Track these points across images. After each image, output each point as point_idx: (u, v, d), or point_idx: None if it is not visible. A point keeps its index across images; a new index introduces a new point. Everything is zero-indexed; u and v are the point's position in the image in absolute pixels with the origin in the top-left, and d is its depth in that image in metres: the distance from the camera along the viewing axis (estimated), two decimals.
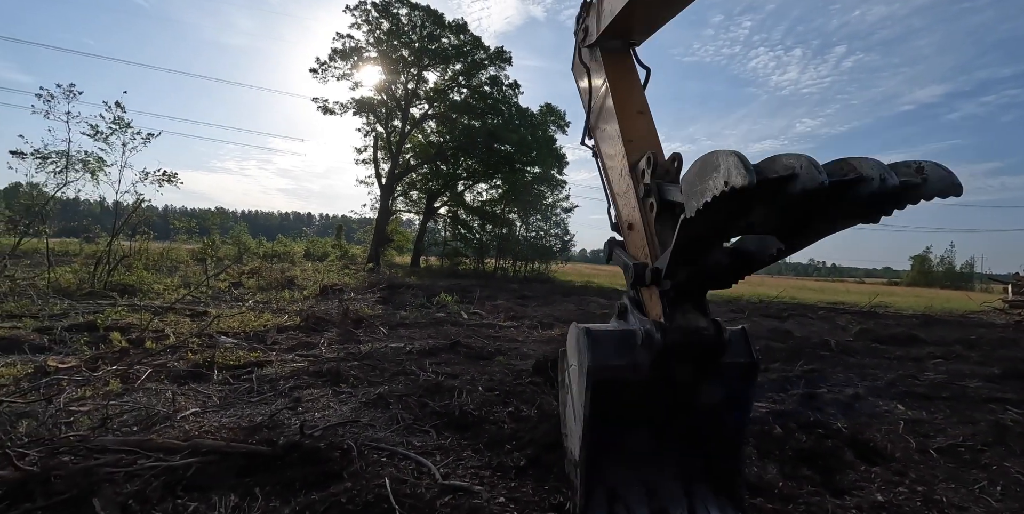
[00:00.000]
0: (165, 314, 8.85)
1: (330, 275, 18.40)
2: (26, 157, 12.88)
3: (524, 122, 29.89)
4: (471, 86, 30.35)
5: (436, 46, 29.11)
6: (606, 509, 2.29)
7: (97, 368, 5.26)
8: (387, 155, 30.70)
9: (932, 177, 1.55)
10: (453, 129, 30.24)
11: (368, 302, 12.12)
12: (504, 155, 29.51)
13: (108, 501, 2.27)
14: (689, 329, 2.17)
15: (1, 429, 3.33)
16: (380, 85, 29.78)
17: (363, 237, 37.06)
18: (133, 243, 16.39)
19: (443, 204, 32.70)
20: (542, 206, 31.46)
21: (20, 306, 8.95)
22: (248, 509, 2.39)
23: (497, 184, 32.67)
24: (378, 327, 8.28)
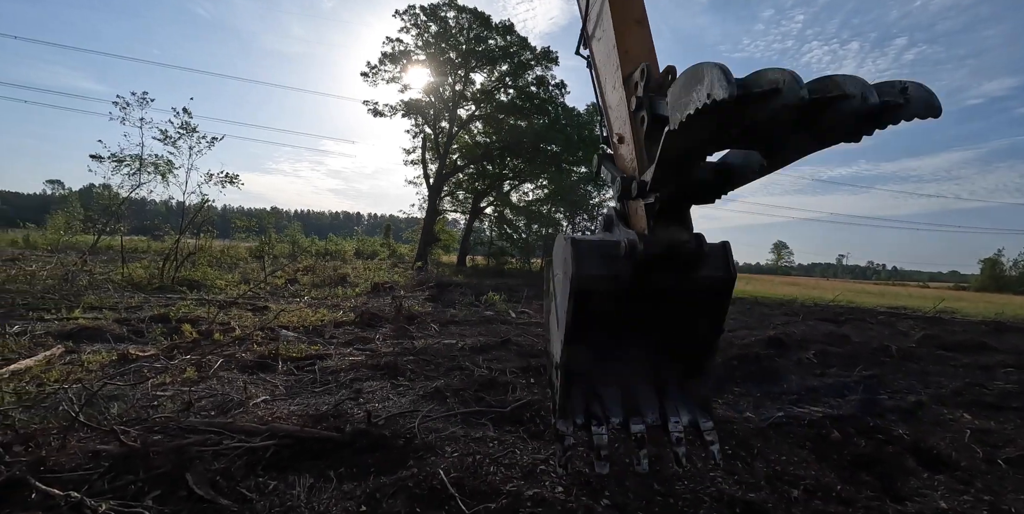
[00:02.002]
0: (229, 308, 9.34)
1: (380, 273, 18.89)
2: (104, 161, 13.79)
3: (570, 122, 29.81)
4: (517, 87, 30.50)
5: (483, 48, 29.40)
6: (583, 407, 2.42)
7: (173, 357, 5.63)
8: (435, 156, 31.21)
9: (914, 97, 1.54)
10: (499, 129, 30.46)
11: (418, 300, 12.41)
12: (550, 155, 29.53)
13: (199, 477, 2.48)
14: (671, 241, 2.20)
15: (96, 410, 3.64)
16: (428, 87, 30.32)
17: (411, 236, 37.80)
18: (198, 241, 17.30)
19: (489, 204, 32.98)
20: (588, 206, 31.30)
21: (100, 299, 9.61)
22: (323, 489, 2.55)
23: (543, 184, 32.72)
24: (429, 324, 8.49)
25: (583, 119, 31.09)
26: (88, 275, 12.47)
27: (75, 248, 19.38)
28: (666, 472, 3.33)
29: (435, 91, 30.46)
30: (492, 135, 31.39)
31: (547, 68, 30.53)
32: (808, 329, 10.57)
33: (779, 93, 1.44)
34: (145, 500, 2.35)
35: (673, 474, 3.31)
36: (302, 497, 2.46)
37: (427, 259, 28.99)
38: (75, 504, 2.24)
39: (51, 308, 8.35)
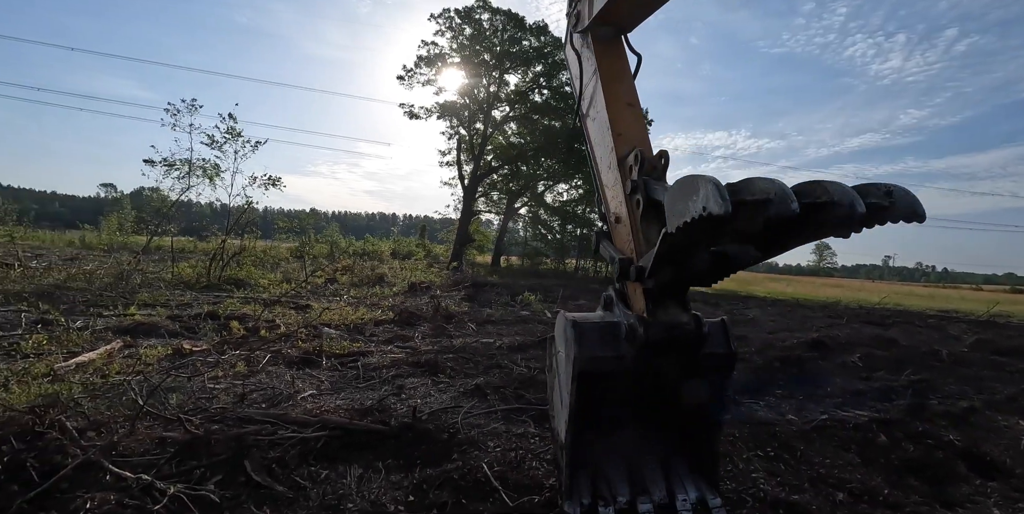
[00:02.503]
0: (273, 306, 9.64)
1: (416, 273, 19.17)
2: (156, 165, 14.42)
3: None
4: (552, 87, 30.47)
5: (517, 49, 29.50)
6: (590, 487, 2.42)
7: (224, 352, 5.87)
8: (469, 157, 31.46)
9: (899, 203, 1.65)
10: (534, 130, 30.51)
11: (455, 299, 12.56)
12: (585, 155, 29.34)
13: (256, 464, 2.62)
14: (671, 324, 2.25)
15: (157, 400, 3.85)
16: (463, 89, 30.59)
17: (446, 237, 38.20)
18: (242, 241, 17.88)
19: (523, 205, 33.06)
20: None
21: (153, 297, 10.06)
22: (372, 479, 2.65)
23: (578, 184, 32.56)
24: (467, 323, 8.61)
25: None
26: (141, 274, 13.05)
27: (127, 248, 20.29)
28: None
29: (470, 93, 30.71)
30: (526, 136, 31.47)
31: None
32: (852, 332, 10.27)
33: (770, 204, 1.53)
34: (208, 484, 2.49)
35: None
36: (352, 486, 2.56)
37: (462, 259, 29.25)
38: (145, 486, 2.40)
39: (108, 305, 8.78)
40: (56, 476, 2.42)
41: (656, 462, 2.54)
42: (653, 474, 2.51)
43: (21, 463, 2.48)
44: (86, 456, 2.54)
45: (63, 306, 8.28)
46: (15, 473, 2.45)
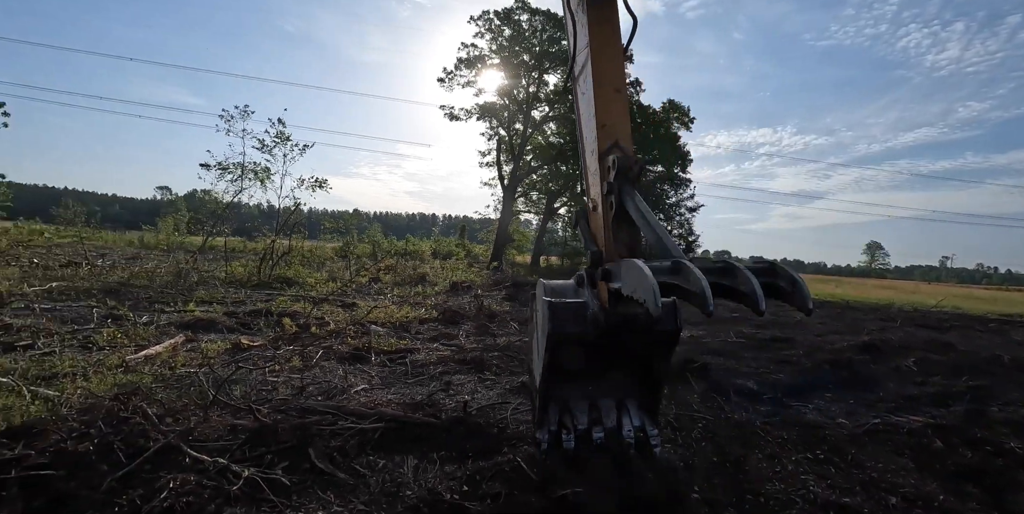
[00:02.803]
0: (321, 304, 9.98)
1: (457, 273, 19.43)
2: (211, 168, 15.09)
3: (645, 120, 29.35)
4: None
5: (556, 49, 29.50)
6: (557, 420, 2.98)
7: (279, 347, 6.14)
8: (509, 157, 31.64)
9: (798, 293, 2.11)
10: (574, 129, 30.39)
11: (496, 299, 12.70)
12: None
13: (319, 452, 2.78)
14: (628, 316, 2.62)
15: (223, 391, 4.09)
16: (502, 90, 30.78)
17: (486, 237, 38.49)
18: (290, 241, 18.50)
19: (563, 204, 33.02)
20: (665, 206, 30.60)
21: (209, 294, 10.54)
22: (427, 469, 2.78)
23: None
24: (509, 322, 8.72)
25: (659, 117, 30.51)
26: (197, 273, 13.68)
27: (183, 248, 21.26)
28: (754, 472, 3.32)
29: (509, 93, 30.89)
30: (566, 135, 31.42)
31: None
32: (906, 335, 9.92)
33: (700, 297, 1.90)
34: (276, 469, 2.66)
35: (762, 475, 3.30)
36: (409, 475, 2.69)
37: (502, 259, 29.45)
38: (221, 469, 2.58)
39: (169, 302, 9.26)
40: (140, 458, 2.64)
41: (612, 402, 3.08)
42: (608, 410, 3.04)
43: (109, 445, 2.70)
44: (166, 440, 2.75)
45: (128, 302, 8.78)
46: (104, 454, 2.67)
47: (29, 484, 2.43)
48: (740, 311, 13.49)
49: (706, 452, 3.57)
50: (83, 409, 3.61)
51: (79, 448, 2.64)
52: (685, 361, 5.94)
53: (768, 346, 7.93)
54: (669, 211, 30.72)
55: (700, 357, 6.24)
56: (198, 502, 2.32)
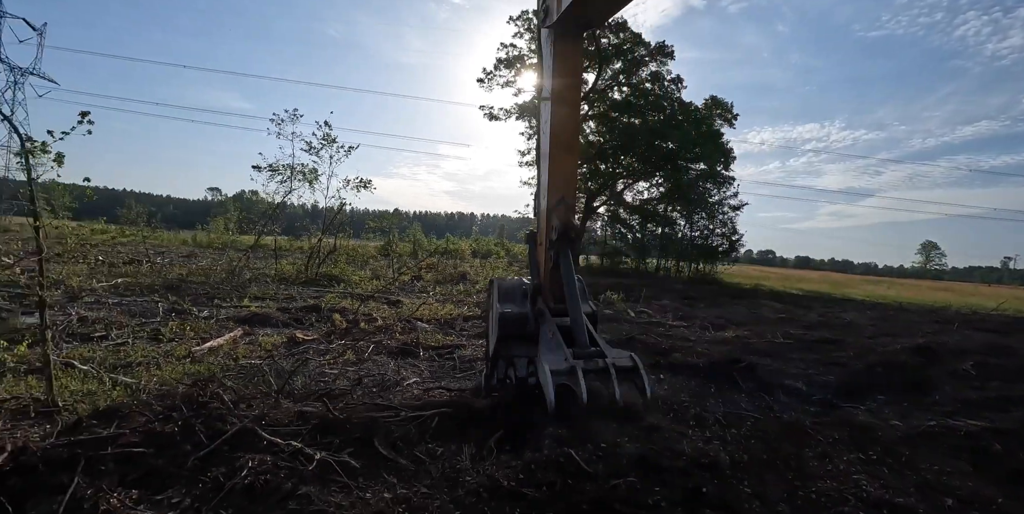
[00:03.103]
0: (367, 301, 10.28)
1: (497, 271, 19.61)
2: (262, 170, 15.66)
3: (687, 117, 28.89)
4: (631, 84, 30.08)
5: (595, 47, 29.34)
6: (504, 373, 3.98)
7: (331, 341, 6.40)
8: None
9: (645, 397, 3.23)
10: (613, 128, 30.20)
11: None
12: (666, 152, 28.80)
13: (382, 439, 2.94)
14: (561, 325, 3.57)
15: (282, 382, 4.32)
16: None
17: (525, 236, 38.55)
18: (335, 240, 19.01)
19: (602, 203, 32.80)
20: (707, 204, 30.02)
21: (261, 291, 11.00)
22: (485, 458, 2.90)
23: (658, 182, 31.92)
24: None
25: (701, 114, 29.98)
26: (249, 270, 14.25)
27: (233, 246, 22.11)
28: (805, 470, 3.32)
29: None
30: (605, 134, 31.19)
31: (662, 63, 29.82)
32: (964, 338, 9.54)
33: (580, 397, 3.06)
34: (342, 454, 2.83)
35: (813, 473, 3.30)
36: (467, 463, 2.82)
37: None
38: (294, 452, 2.77)
39: (225, 297, 9.71)
40: (219, 439, 2.85)
41: None
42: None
43: (191, 427, 2.93)
44: (242, 424, 2.95)
45: (188, 297, 9.25)
46: (187, 435, 2.89)
47: (123, 460, 2.67)
48: (787, 312, 13.22)
49: (755, 449, 3.57)
50: (160, 395, 3.89)
51: (165, 429, 2.88)
52: (730, 361, 5.90)
53: (816, 347, 7.78)
54: (711, 210, 30.05)
55: (746, 357, 6.19)
56: (275, 481, 2.51)
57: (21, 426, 3.36)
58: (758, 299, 17.04)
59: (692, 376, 5.42)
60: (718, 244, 29.92)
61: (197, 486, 2.54)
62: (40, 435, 3.11)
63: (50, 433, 3.07)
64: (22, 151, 3.95)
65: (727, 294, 18.33)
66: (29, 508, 2.29)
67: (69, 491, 2.34)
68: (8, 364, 4.53)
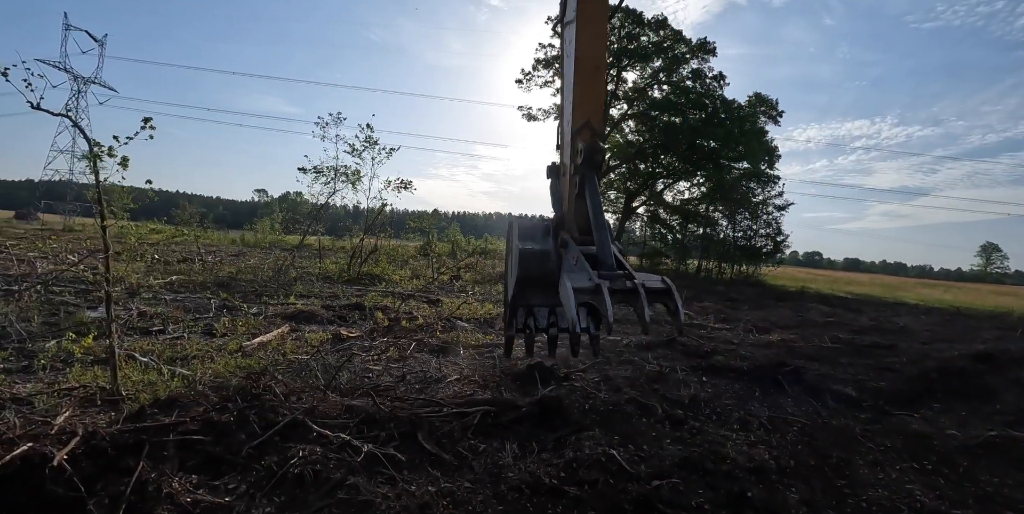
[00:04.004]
0: (408, 300, 10.45)
1: None
2: (307, 172, 16.09)
3: (730, 115, 28.25)
4: (672, 82, 29.62)
5: (635, 45, 29.03)
6: (523, 323, 3.86)
7: (374, 338, 6.54)
8: None
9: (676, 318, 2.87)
10: (653, 127, 29.79)
11: None
12: (708, 151, 28.26)
13: (426, 434, 3.00)
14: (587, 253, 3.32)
15: (329, 377, 4.45)
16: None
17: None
18: (377, 240, 19.36)
19: (642, 204, 32.42)
20: (751, 204, 29.22)
21: (306, 289, 11.31)
22: (527, 455, 2.93)
23: (700, 182, 31.34)
24: None
25: (744, 111, 29.27)
26: (295, 269, 14.67)
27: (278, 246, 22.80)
28: (855, 478, 3.23)
29: None
30: (645, 133, 30.82)
31: (703, 60, 29.28)
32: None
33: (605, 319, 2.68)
34: (388, 447, 2.90)
35: (864, 480, 3.20)
36: (510, 459, 2.85)
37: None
38: (343, 443, 2.86)
39: (272, 294, 10.03)
40: (272, 430, 2.96)
41: None
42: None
43: (246, 417, 3.05)
44: (293, 416, 3.07)
45: (238, 294, 9.59)
46: (242, 425, 3.02)
47: (183, 446, 2.81)
48: (835, 316, 12.78)
49: (802, 454, 3.49)
50: (215, 386, 4.06)
51: (222, 418, 3.01)
52: (776, 364, 5.76)
53: (867, 352, 7.50)
54: (755, 210, 29.22)
55: (792, 361, 6.03)
56: (325, 470, 2.60)
57: (89, 413, 3.56)
58: (804, 302, 16.53)
59: (735, 379, 5.32)
60: (762, 245, 29.06)
61: (251, 473, 2.66)
62: (106, 421, 3.30)
63: (115, 420, 3.25)
64: (90, 156, 4.18)
65: (771, 296, 17.85)
66: (99, 489, 2.43)
67: (135, 474, 2.47)
68: (76, 355, 4.81)
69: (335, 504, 2.43)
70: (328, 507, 2.41)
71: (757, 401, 4.67)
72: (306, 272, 14.59)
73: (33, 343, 5.24)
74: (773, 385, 5.20)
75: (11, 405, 3.64)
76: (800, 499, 2.82)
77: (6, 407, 3.60)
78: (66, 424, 3.06)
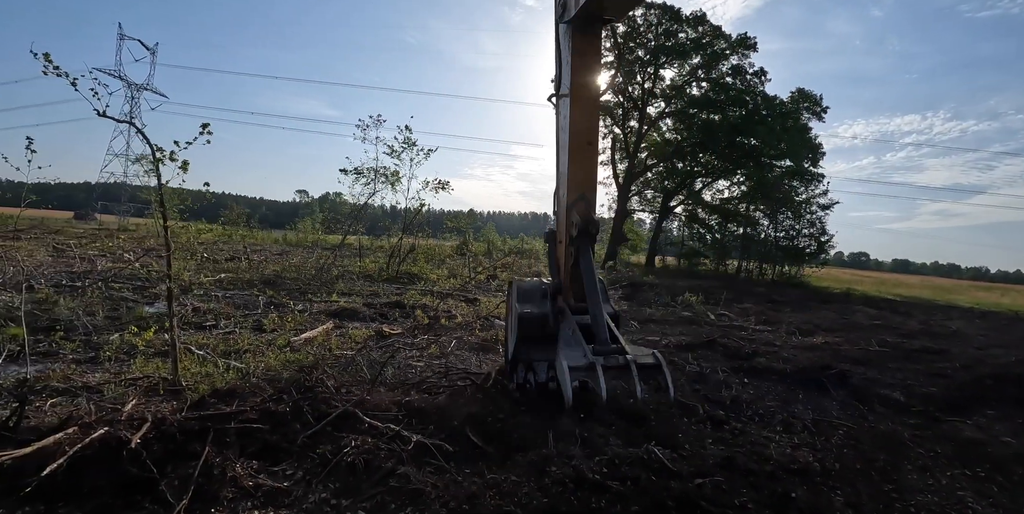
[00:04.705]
0: (446, 299, 10.62)
1: None
2: (348, 173, 16.52)
3: (772, 112, 27.59)
4: (711, 79, 29.13)
5: (673, 42, 28.64)
6: (524, 376, 3.91)
7: (415, 336, 6.70)
8: (623, 156, 31.21)
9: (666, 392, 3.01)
10: (691, 125, 29.34)
11: (612, 298, 12.70)
12: (748, 149, 27.66)
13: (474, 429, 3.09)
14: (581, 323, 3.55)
15: (375, 372, 4.60)
16: (617, 87, 30.41)
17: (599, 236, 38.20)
18: (414, 240, 19.68)
19: (679, 203, 31.97)
20: (793, 203, 28.42)
21: (347, 287, 11.61)
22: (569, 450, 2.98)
23: (740, 180, 30.68)
24: (629, 321, 8.74)
25: (787, 107, 28.53)
26: (336, 267, 15.06)
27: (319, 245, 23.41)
28: (903, 483, 3.17)
29: (623, 91, 30.48)
30: (683, 131, 30.38)
31: (744, 56, 28.69)
32: None
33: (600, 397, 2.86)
34: (435, 440, 3.01)
35: (912, 486, 3.15)
36: (554, 450, 2.92)
37: (616, 259, 29.17)
38: (393, 435, 2.98)
39: (315, 292, 10.34)
40: (325, 420, 3.11)
41: None
42: None
43: (300, 408, 3.21)
44: (344, 408, 3.21)
45: (283, 292, 9.93)
46: (297, 415, 3.18)
47: (243, 434, 2.97)
48: (883, 319, 12.38)
49: (848, 458, 3.45)
50: (268, 378, 4.25)
51: (278, 409, 3.18)
52: (820, 367, 5.66)
53: (917, 357, 7.27)
54: (798, 209, 28.40)
55: (837, 364, 5.90)
56: (376, 460, 2.72)
57: (153, 401, 3.79)
58: (850, 304, 16.05)
59: (778, 381, 5.25)
60: (805, 245, 28.25)
61: (307, 461, 2.80)
62: (170, 409, 3.50)
63: (179, 408, 3.45)
64: (153, 160, 4.43)
65: (815, 298, 17.38)
66: (169, 471, 2.61)
67: (201, 458, 2.64)
68: (139, 347, 5.10)
69: (386, 492, 2.55)
70: (380, 494, 2.53)
71: (800, 404, 4.61)
72: (347, 271, 14.95)
73: (98, 336, 5.56)
74: (817, 388, 5.12)
75: (84, 393, 3.91)
76: (845, 502, 2.80)
77: (80, 394, 3.87)
78: (134, 411, 3.28)
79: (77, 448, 2.56)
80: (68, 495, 2.40)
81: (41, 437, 2.72)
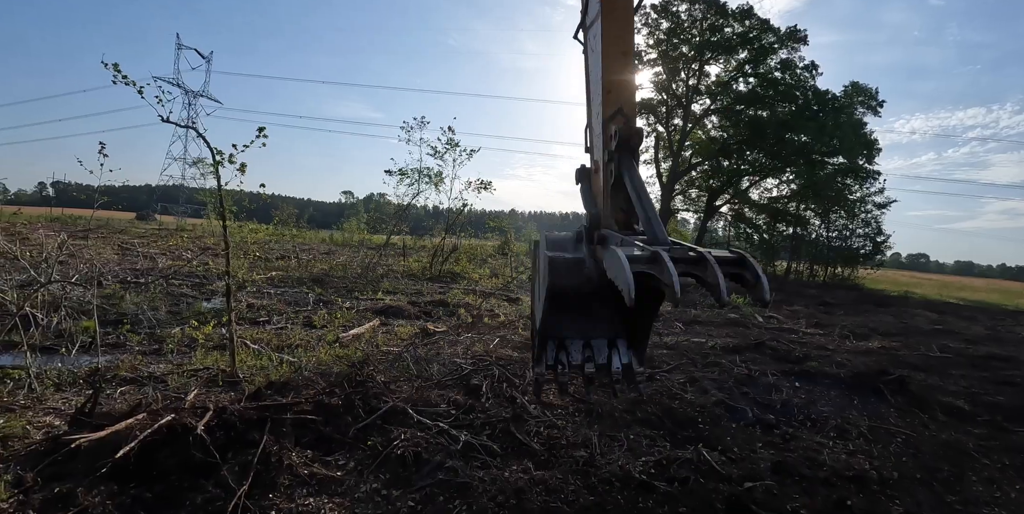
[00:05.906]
0: (488, 298, 10.70)
1: None
2: (393, 174, 16.85)
3: (823, 107, 26.59)
4: (758, 74, 28.28)
5: (718, 37, 27.96)
6: (554, 357, 3.16)
7: (459, 334, 6.78)
8: (667, 154, 30.72)
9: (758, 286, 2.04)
10: (738, 122, 28.59)
11: None
12: (798, 146, 26.72)
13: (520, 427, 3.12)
14: None
15: (422, 368, 4.69)
16: (660, 85, 29.94)
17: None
18: (457, 239, 19.90)
19: (725, 202, 31.20)
20: (846, 202, 27.25)
21: (392, 285, 11.85)
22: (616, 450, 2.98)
23: (789, 178, 29.68)
24: (673, 322, 8.62)
25: (840, 102, 27.44)
26: (381, 266, 15.40)
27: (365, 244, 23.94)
28: (966, 494, 3.03)
29: (668, 88, 29.98)
30: (729, 129, 29.64)
31: (793, 50, 27.74)
32: None
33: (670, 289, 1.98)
34: (481, 436, 3.06)
35: (976, 498, 3.00)
36: (599, 453, 2.93)
37: None
38: (440, 431, 3.05)
39: (361, 290, 10.59)
40: (376, 414, 3.20)
41: (603, 342, 3.22)
42: (600, 348, 3.19)
43: (352, 402, 3.32)
44: (393, 403, 3.30)
45: (331, 289, 10.22)
46: (348, 408, 3.29)
47: (298, 424, 3.09)
48: (944, 324, 11.79)
49: (907, 467, 3.32)
50: (319, 372, 4.40)
51: (331, 401, 3.29)
52: (877, 372, 5.44)
53: (982, 364, 6.90)
54: (852, 208, 27.19)
55: (895, 369, 5.66)
56: (425, 453, 2.79)
57: (213, 391, 3.99)
58: (908, 308, 15.33)
59: (831, 386, 5.08)
60: (859, 246, 27.04)
61: (358, 452, 2.89)
62: (230, 399, 3.68)
63: (238, 398, 3.62)
64: (213, 163, 4.64)
65: (870, 301, 16.68)
66: (230, 457, 2.74)
67: (260, 446, 2.76)
68: (199, 340, 5.36)
69: (435, 484, 2.61)
70: (429, 487, 2.59)
71: (855, 409, 4.45)
72: (391, 270, 15.25)
73: (161, 329, 5.87)
74: (873, 394, 4.93)
75: (150, 382, 4.14)
76: (905, 511, 2.69)
77: (146, 384, 4.10)
78: (196, 400, 3.46)
79: (147, 433, 2.72)
80: (139, 476, 2.55)
81: (114, 422, 2.91)
